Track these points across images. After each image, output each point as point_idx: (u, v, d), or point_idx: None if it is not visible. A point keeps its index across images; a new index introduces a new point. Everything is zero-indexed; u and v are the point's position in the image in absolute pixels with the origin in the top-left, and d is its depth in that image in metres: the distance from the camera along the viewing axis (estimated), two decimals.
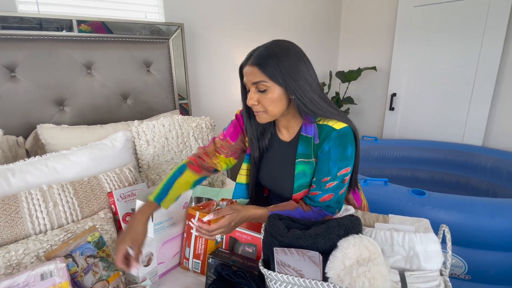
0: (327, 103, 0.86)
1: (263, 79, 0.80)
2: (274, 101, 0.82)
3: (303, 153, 0.88)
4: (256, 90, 0.83)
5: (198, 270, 0.95)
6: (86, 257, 0.78)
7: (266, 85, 0.81)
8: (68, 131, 1.38)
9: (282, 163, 0.95)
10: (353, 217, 0.69)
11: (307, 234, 0.66)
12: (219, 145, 1.03)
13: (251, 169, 1.01)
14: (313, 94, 0.83)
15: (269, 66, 0.79)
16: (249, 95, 0.84)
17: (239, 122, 1.03)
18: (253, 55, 0.82)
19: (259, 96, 0.83)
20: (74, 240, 0.78)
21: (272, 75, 0.79)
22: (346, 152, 0.83)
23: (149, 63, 1.78)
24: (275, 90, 0.81)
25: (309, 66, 0.84)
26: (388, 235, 0.73)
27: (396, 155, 2.58)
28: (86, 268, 0.78)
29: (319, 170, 0.86)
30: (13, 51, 1.36)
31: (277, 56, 0.79)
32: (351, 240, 0.64)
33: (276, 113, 0.85)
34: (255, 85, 0.82)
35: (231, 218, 0.78)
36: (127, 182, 1.11)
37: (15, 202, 0.89)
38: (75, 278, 0.77)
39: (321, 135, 0.84)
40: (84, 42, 1.54)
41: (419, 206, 1.53)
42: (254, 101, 0.83)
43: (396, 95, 2.80)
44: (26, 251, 0.79)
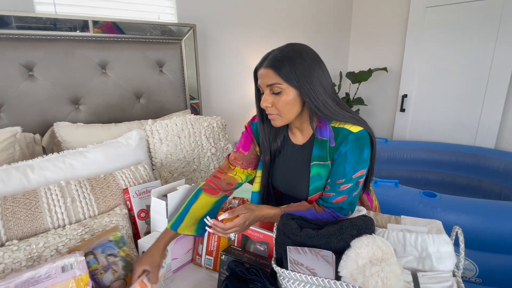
0: (341, 107, 0.87)
1: (278, 81, 0.81)
2: (288, 104, 0.83)
3: (319, 156, 0.89)
4: (271, 92, 0.84)
5: (210, 266, 0.97)
6: (107, 255, 0.81)
7: (280, 87, 0.82)
8: (84, 129, 1.41)
9: (296, 166, 0.95)
10: (366, 217, 0.70)
11: (320, 234, 0.67)
12: (233, 158, 1.05)
13: (262, 174, 1.02)
14: (326, 97, 0.84)
15: (284, 69, 0.80)
16: (263, 97, 0.85)
17: (248, 132, 1.04)
18: (268, 58, 0.83)
19: (274, 98, 0.84)
20: (97, 238, 0.81)
21: (287, 77, 0.80)
22: (363, 155, 0.84)
23: (162, 63, 1.80)
24: (290, 93, 0.82)
25: (323, 69, 0.85)
26: (401, 236, 0.73)
27: (406, 157, 2.56)
28: (106, 266, 0.80)
29: (334, 172, 0.87)
30: (31, 51, 1.40)
31: (292, 58, 0.81)
32: (364, 240, 0.64)
33: (290, 116, 0.86)
34: (270, 87, 0.83)
35: (245, 218, 0.80)
36: (142, 179, 1.14)
37: (35, 197, 0.92)
38: (95, 275, 0.79)
39: (337, 138, 0.85)
40: (99, 42, 1.57)
41: (430, 208, 1.52)
42: (268, 103, 0.84)
43: (407, 96, 2.78)
44: (46, 244, 0.82)
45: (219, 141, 1.51)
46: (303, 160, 0.93)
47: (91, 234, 0.88)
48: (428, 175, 2.54)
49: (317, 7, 2.69)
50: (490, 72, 2.34)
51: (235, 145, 2.41)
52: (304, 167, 0.93)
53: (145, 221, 1.04)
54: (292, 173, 0.96)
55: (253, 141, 1.04)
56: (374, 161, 0.91)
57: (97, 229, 0.90)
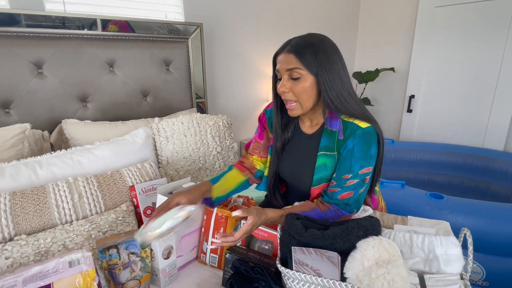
0: (355, 102, 0.87)
1: (299, 66, 0.82)
2: (305, 90, 0.84)
3: (326, 146, 0.89)
4: (289, 77, 0.85)
5: (215, 264, 0.97)
6: (129, 253, 0.81)
7: (300, 73, 0.83)
8: (91, 126, 1.43)
9: (303, 155, 0.96)
10: (373, 218, 0.70)
11: (325, 234, 0.66)
12: (251, 148, 1.12)
13: (272, 159, 1.03)
14: (342, 90, 0.84)
15: (306, 55, 0.81)
16: (281, 82, 0.86)
17: (262, 121, 1.08)
18: (290, 44, 0.85)
19: (292, 84, 0.85)
20: (125, 235, 0.82)
21: (308, 63, 0.82)
22: (370, 151, 0.83)
23: (169, 62, 1.81)
24: (308, 79, 0.83)
25: (342, 61, 0.86)
26: (408, 237, 0.73)
27: (413, 158, 2.54)
28: (127, 263, 0.81)
29: (341, 167, 0.86)
30: (41, 49, 1.42)
31: (315, 46, 0.82)
32: (371, 242, 0.64)
33: (308, 105, 0.87)
34: (289, 71, 0.84)
35: (253, 223, 0.79)
36: (148, 176, 1.14)
37: (43, 193, 0.94)
38: (113, 269, 0.80)
39: (346, 132, 0.85)
40: (107, 40, 1.58)
41: (436, 210, 1.50)
42: (286, 88, 0.85)
43: (415, 97, 2.75)
44: (54, 240, 0.83)
45: (225, 140, 1.52)
46: (310, 150, 0.94)
47: (98, 230, 0.89)
48: (435, 177, 2.51)
49: (324, 6, 2.67)
50: (499, 73, 2.30)
51: (240, 144, 2.42)
52: (311, 156, 0.93)
53: None
54: (298, 162, 0.97)
55: (266, 129, 1.07)
56: (381, 161, 0.90)
57: (103, 226, 0.91)
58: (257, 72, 2.36)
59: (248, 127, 2.44)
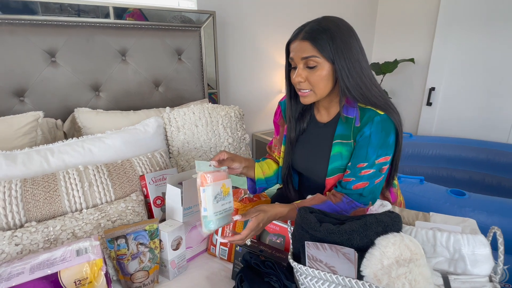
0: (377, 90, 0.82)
1: (314, 54, 0.77)
2: (322, 79, 0.79)
3: (342, 134, 0.84)
4: (305, 66, 0.80)
5: (224, 257, 0.94)
6: (138, 243, 0.80)
7: (316, 61, 0.78)
8: (103, 115, 1.42)
9: (317, 144, 0.92)
10: (393, 214, 0.65)
11: (341, 230, 0.62)
12: (273, 145, 1.10)
13: (285, 150, 1.00)
14: (362, 75, 0.79)
15: (321, 41, 0.76)
16: (296, 72, 0.81)
17: (276, 115, 1.05)
18: (304, 30, 0.79)
19: (308, 73, 0.80)
20: (134, 225, 0.81)
21: (324, 50, 0.76)
22: (388, 139, 0.78)
23: (181, 51, 1.78)
24: (325, 67, 0.78)
25: (361, 46, 0.80)
26: (431, 235, 0.68)
27: (432, 153, 2.44)
28: (135, 254, 0.80)
29: (356, 155, 0.82)
30: (54, 37, 1.41)
31: (330, 31, 0.76)
32: (391, 239, 0.59)
33: (323, 93, 0.82)
34: (305, 60, 0.79)
35: (258, 220, 0.77)
36: (158, 166, 1.13)
37: (53, 180, 0.93)
38: (122, 259, 0.79)
39: (363, 119, 0.80)
40: (119, 29, 1.57)
41: (457, 207, 1.43)
42: (301, 78, 0.81)
43: (435, 89, 2.63)
44: (63, 228, 0.82)
45: (237, 131, 1.48)
46: (325, 138, 0.89)
47: (107, 219, 0.88)
48: (455, 173, 2.41)
49: None
50: None
51: (253, 137, 2.38)
52: (326, 145, 0.89)
53: (160, 209, 1.03)
54: (312, 152, 0.93)
55: (281, 122, 1.04)
56: (400, 152, 0.85)
57: (113, 215, 0.90)
58: (271, 62, 2.31)
59: (262, 119, 2.40)
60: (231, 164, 0.86)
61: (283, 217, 0.82)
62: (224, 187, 0.74)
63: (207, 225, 0.72)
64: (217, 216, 0.72)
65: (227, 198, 0.75)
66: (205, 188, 0.71)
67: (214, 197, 0.71)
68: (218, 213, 0.72)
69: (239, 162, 0.89)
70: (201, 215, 0.72)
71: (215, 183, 0.73)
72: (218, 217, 0.72)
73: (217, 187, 0.73)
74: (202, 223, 0.72)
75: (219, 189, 0.73)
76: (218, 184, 0.73)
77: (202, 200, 0.71)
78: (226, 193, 0.75)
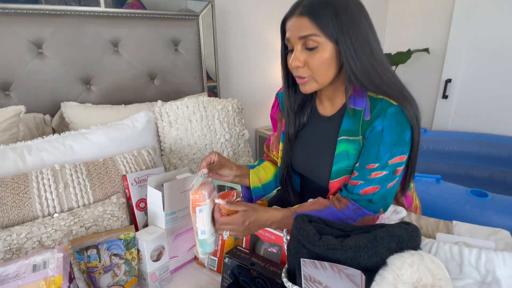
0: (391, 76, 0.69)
1: (315, 32, 0.64)
2: (324, 63, 0.67)
3: (348, 129, 0.72)
4: (303, 47, 0.67)
5: (214, 268, 0.84)
6: (111, 254, 0.71)
7: (317, 41, 0.65)
8: (92, 110, 1.33)
9: (320, 141, 0.79)
10: (410, 226, 0.52)
11: (346, 245, 0.50)
12: (271, 143, 0.98)
13: (284, 148, 0.87)
14: (372, 59, 0.66)
15: (323, 16, 0.63)
16: (293, 55, 0.68)
17: (273, 109, 0.93)
18: (302, 4, 0.66)
19: (307, 55, 0.67)
20: (106, 234, 0.71)
21: (326, 27, 0.64)
22: (404, 135, 0.66)
23: (177, 41, 1.68)
24: (327, 48, 0.66)
25: (370, 23, 0.67)
26: (456, 251, 0.55)
27: (448, 149, 2.27)
28: (108, 266, 0.71)
29: (365, 154, 0.69)
30: (40, 27, 1.33)
31: (333, 4, 0.63)
32: (407, 258, 0.47)
33: (325, 79, 0.69)
34: (303, 40, 0.66)
35: (245, 216, 0.65)
36: (145, 165, 1.03)
37: (24, 181, 0.84)
38: (93, 272, 0.69)
39: (373, 111, 0.67)
40: (111, 18, 1.47)
41: (479, 210, 1.28)
42: (299, 62, 0.68)
43: (451, 81, 2.46)
44: (29, 235, 0.73)
45: (234, 126, 1.37)
46: (329, 135, 0.76)
47: (80, 225, 0.78)
48: (474, 170, 2.24)
49: None
50: None
51: (256, 133, 2.26)
52: (329, 142, 0.76)
53: (144, 212, 0.93)
54: (314, 150, 0.80)
55: (279, 116, 0.92)
56: (417, 153, 0.73)
57: (87, 220, 0.80)
58: (275, 53, 2.17)
59: (266, 114, 2.27)
60: (219, 170, 0.75)
61: (277, 223, 0.70)
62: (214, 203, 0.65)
63: (205, 249, 0.64)
64: (214, 236, 0.64)
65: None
66: (202, 207, 0.61)
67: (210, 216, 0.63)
68: (214, 232, 0.64)
69: (229, 169, 0.78)
70: (198, 239, 0.63)
71: (209, 200, 0.63)
72: (215, 237, 0.65)
73: (211, 203, 0.63)
74: (199, 247, 0.64)
75: (212, 205, 0.64)
76: (211, 200, 0.64)
77: (198, 221, 0.62)
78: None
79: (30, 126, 1.30)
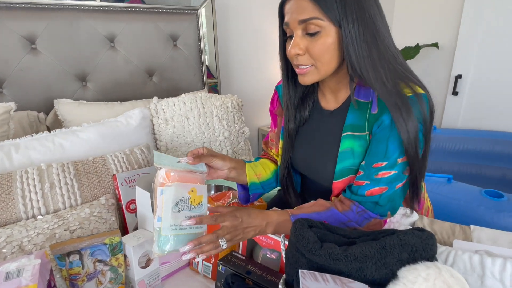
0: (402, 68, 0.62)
1: (317, 15, 0.58)
2: (328, 49, 0.60)
3: (353, 124, 0.65)
4: (304, 33, 0.61)
5: (208, 274, 0.78)
6: (95, 260, 0.65)
7: (319, 25, 0.58)
8: (86, 107, 1.28)
9: (322, 138, 0.73)
10: (424, 232, 0.46)
11: (350, 254, 0.44)
12: (270, 140, 0.91)
13: (283, 145, 0.80)
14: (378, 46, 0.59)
15: None
16: (292, 42, 0.62)
17: (273, 104, 0.86)
18: None
19: (308, 42, 0.61)
20: (89, 238, 0.65)
21: (329, 9, 0.57)
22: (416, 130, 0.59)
23: (176, 36, 1.63)
24: (330, 33, 0.59)
25: (378, 5, 0.61)
26: (477, 261, 0.48)
27: (458, 148, 2.18)
28: (92, 273, 0.65)
29: (372, 152, 0.63)
30: (33, 21, 1.29)
31: None
32: (422, 271, 0.41)
33: (327, 69, 0.63)
34: (303, 24, 0.60)
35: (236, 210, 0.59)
36: (137, 164, 0.97)
37: (8, 180, 0.79)
38: (75, 280, 0.64)
39: (381, 103, 0.61)
40: (107, 12, 1.42)
41: (494, 212, 1.20)
42: (299, 50, 0.61)
43: (462, 77, 2.37)
44: (9, 239, 0.68)
45: (234, 123, 1.31)
46: (333, 130, 0.70)
47: (65, 228, 0.73)
48: (486, 170, 2.15)
49: None
50: None
51: (258, 131, 2.20)
52: (333, 139, 0.69)
53: (135, 214, 0.88)
54: (316, 147, 0.74)
55: (278, 110, 0.85)
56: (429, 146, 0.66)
57: (73, 223, 0.75)
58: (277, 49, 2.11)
59: (268, 111, 2.20)
60: (210, 161, 0.67)
61: (273, 226, 0.64)
62: (193, 193, 0.55)
63: (159, 243, 0.52)
64: (176, 231, 0.52)
65: (195, 210, 0.55)
66: (164, 188, 0.53)
67: (175, 203, 0.53)
68: (178, 228, 0.53)
69: (222, 160, 0.69)
70: (154, 227, 0.54)
71: (180, 184, 0.54)
72: (177, 234, 0.53)
73: (182, 190, 0.54)
74: (154, 239, 0.54)
75: (185, 193, 0.54)
76: (185, 186, 0.55)
77: (158, 204, 0.53)
78: (196, 203, 0.56)
79: (24, 124, 1.26)
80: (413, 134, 0.58)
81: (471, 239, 0.58)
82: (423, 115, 0.60)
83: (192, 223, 0.54)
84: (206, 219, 0.56)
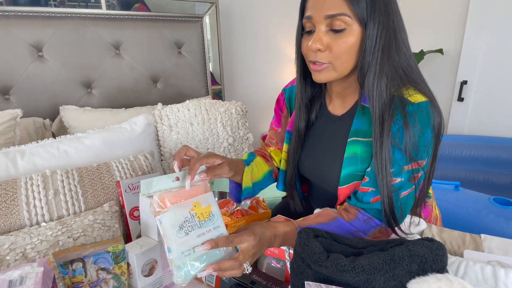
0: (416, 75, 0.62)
1: (346, 11, 0.56)
2: (350, 49, 0.59)
3: (359, 130, 0.64)
4: (328, 29, 0.59)
5: (212, 284, 0.77)
6: (98, 268, 0.64)
7: (346, 22, 0.57)
8: (91, 113, 1.29)
9: (328, 142, 0.72)
10: (434, 243, 0.45)
11: (358, 266, 0.43)
12: (268, 138, 0.90)
13: (292, 147, 0.78)
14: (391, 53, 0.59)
15: None
16: (314, 36, 0.60)
17: (279, 103, 0.85)
18: None
19: (331, 39, 0.59)
20: (92, 246, 0.65)
21: (359, 7, 0.56)
22: (424, 137, 0.58)
23: (181, 44, 1.64)
24: (354, 32, 0.58)
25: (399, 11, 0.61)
26: (489, 272, 0.47)
27: (464, 154, 2.16)
28: (95, 282, 0.65)
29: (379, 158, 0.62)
30: (40, 29, 1.31)
31: None
32: (433, 284, 0.39)
33: (344, 69, 0.62)
34: (329, 20, 0.58)
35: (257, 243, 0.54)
36: (141, 171, 0.97)
37: (13, 187, 0.79)
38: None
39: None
40: (112, 20, 1.44)
41: (503, 220, 1.18)
42: (321, 45, 0.59)
43: (467, 83, 2.35)
44: (12, 246, 0.68)
45: (238, 129, 1.31)
46: (339, 135, 0.69)
47: (68, 235, 0.73)
48: (493, 177, 2.12)
49: None
50: None
51: (260, 137, 2.19)
52: (338, 144, 0.68)
53: (138, 222, 0.87)
54: (322, 152, 0.73)
55: (284, 112, 0.84)
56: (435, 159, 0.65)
57: (76, 230, 0.74)
58: (281, 56, 2.12)
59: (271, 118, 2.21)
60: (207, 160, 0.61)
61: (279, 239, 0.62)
62: (198, 208, 0.51)
63: (178, 274, 0.48)
64: (190, 256, 0.48)
65: (206, 225, 0.51)
66: (161, 217, 0.48)
67: (178, 228, 0.48)
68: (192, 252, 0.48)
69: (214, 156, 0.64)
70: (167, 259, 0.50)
71: (178, 205, 0.49)
72: (193, 258, 0.48)
73: (182, 210, 0.49)
74: (171, 269, 0.49)
75: (186, 213, 0.49)
76: (185, 205, 0.50)
77: (162, 235, 0.49)
78: (205, 217, 0.51)
79: (30, 130, 1.27)
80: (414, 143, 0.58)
81: (481, 248, 0.56)
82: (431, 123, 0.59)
83: (206, 249, 0.49)
84: (221, 242, 0.51)
